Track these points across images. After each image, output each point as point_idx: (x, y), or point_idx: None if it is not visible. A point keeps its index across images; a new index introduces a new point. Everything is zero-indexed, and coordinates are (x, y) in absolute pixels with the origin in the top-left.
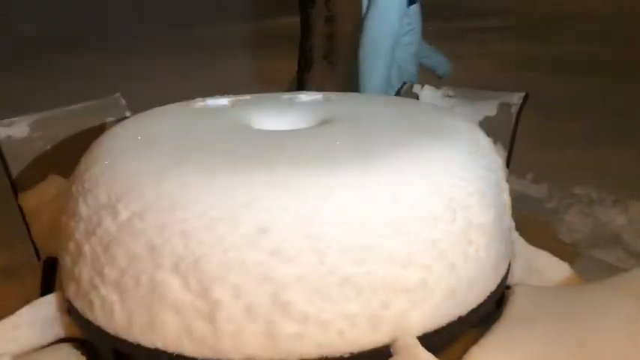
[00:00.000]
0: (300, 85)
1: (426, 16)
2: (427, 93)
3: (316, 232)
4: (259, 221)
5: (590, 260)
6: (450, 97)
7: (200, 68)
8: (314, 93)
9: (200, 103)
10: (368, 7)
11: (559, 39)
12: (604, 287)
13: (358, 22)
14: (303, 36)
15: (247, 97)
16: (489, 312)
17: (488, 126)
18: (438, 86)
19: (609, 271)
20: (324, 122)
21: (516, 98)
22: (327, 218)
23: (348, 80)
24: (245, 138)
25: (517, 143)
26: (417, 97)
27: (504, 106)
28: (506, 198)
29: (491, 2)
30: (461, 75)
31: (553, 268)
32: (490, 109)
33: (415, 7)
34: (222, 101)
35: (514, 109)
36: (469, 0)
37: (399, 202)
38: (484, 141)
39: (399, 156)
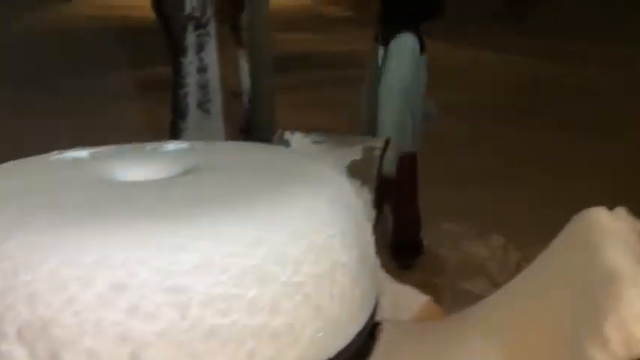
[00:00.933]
0: (173, 133)
1: (311, 65)
2: (297, 139)
3: (176, 286)
4: (114, 278)
5: (457, 292)
6: (318, 143)
7: (71, 118)
8: (180, 142)
9: (57, 155)
10: (385, 58)
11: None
12: (463, 319)
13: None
14: (176, 85)
15: (109, 147)
16: (359, 350)
17: (354, 170)
18: (307, 133)
19: (475, 301)
20: (188, 171)
21: (379, 142)
22: (187, 270)
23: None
24: (102, 191)
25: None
26: (288, 143)
27: (369, 150)
28: (370, 238)
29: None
30: (336, 121)
31: (418, 303)
32: (356, 153)
33: (424, 56)
34: (82, 153)
35: (377, 153)
36: (340, 54)
37: (260, 248)
38: (346, 185)
39: (260, 203)
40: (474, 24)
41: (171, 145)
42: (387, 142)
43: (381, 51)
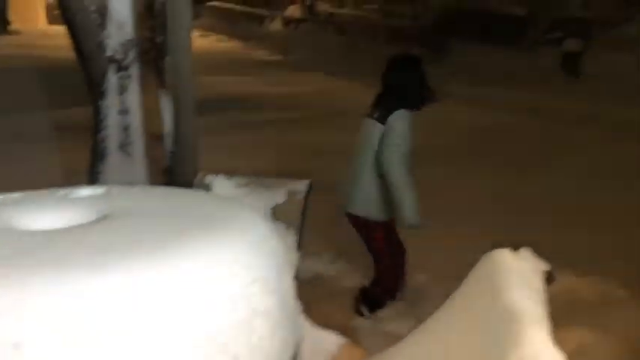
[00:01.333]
0: (92, 177)
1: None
2: (220, 183)
3: (81, 341)
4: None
5: (382, 335)
6: (241, 186)
7: None
8: (96, 187)
9: None
10: (386, 133)
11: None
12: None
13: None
14: (95, 127)
15: (20, 194)
16: None
17: (278, 213)
18: (229, 176)
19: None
20: (102, 218)
21: (303, 185)
22: (95, 323)
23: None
24: (10, 240)
25: (317, 225)
26: (209, 187)
27: (292, 193)
28: (290, 283)
29: (286, 98)
30: (256, 164)
31: (338, 346)
32: (280, 196)
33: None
34: None
35: (300, 196)
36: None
37: (173, 297)
38: (267, 229)
39: (176, 251)
40: None
41: (86, 191)
42: (310, 186)
43: (376, 127)
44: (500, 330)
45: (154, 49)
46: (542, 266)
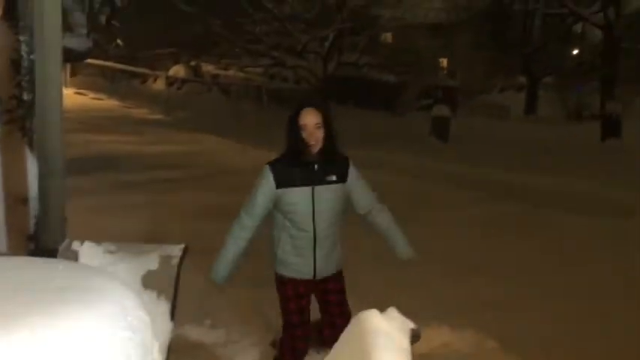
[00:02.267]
0: None
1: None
2: (87, 250)
3: None
4: None
5: None
6: (111, 252)
7: None
8: None
9: None
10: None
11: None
12: None
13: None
14: None
15: None
16: None
17: (151, 279)
18: (98, 243)
19: None
20: None
21: (177, 250)
22: None
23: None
24: None
25: (194, 291)
26: (76, 254)
27: (166, 259)
28: (157, 355)
29: (167, 157)
30: (133, 226)
31: None
32: (152, 262)
33: None
34: None
35: (175, 261)
36: (145, 156)
37: None
38: (130, 300)
39: (21, 328)
40: None
41: None
42: (185, 250)
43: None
44: None
45: (20, 107)
46: (409, 325)
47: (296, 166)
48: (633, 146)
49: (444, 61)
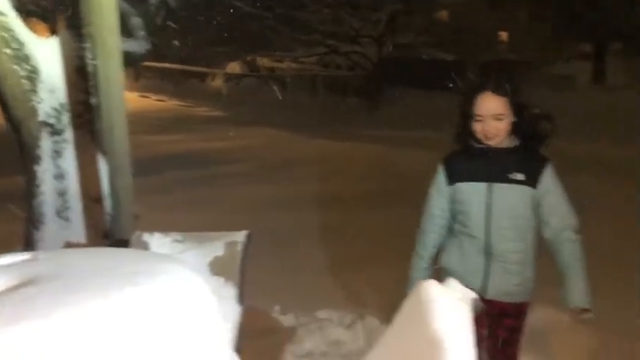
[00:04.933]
0: (27, 245)
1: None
2: (157, 240)
3: None
4: None
5: None
6: (179, 242)
7: None
8: (20, 254)
9: None
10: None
11: (291, 180)
12: None
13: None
14: (29, 194)
15: None
16: None
17: (217, 265)
18: (166, 233)
19: None
20: (22, 284)
21: (241, 236)
22: None
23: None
24: None
25: (263, 277)
26: (146, 245)
27: (231, 245)
28: (224, 335)
29: (231, 152)
30: (203, 220)
31: None
32: (218, 249)
33: None
34: None
35: (240, 247)
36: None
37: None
38: (198, 283)
39: (92, 307)
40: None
41: (8, 258)
42: (249, 236)
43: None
44: (426, 358)
45: (87, 111)
46: (470, 295)
47: (471, 158)
48: None
49: (503, 35)
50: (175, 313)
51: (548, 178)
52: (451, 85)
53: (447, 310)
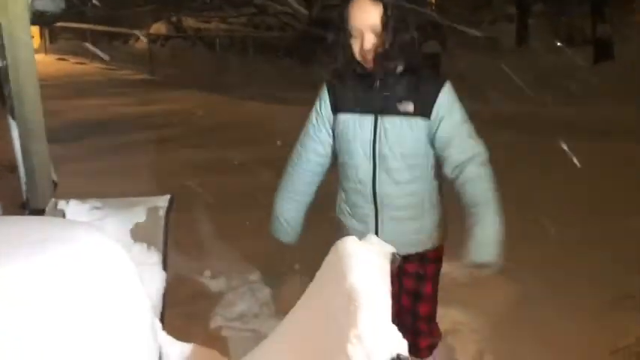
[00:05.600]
0: None
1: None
2: (73, 208)
3: None
4: None
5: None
6: (98, 208)
7: None
8: None
9: None
10: None
11: (220, 144)
12: None
13: None
14: None
15: None
16: None
17: (139, 232)
18: (84, 200)
19: None
20: None
21: (163, 201)
22: None
23: None
24: None
25: (193, 243)
26: (62, 213)
27: (153, 210)
28: (144, 301)
29: (157, 117)
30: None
31: (206, 358)
32: (139, 215)
33: None
34: None
35: (162, 212)
36: (134, 117)
37: None
38: (112, 249)
39: None
40: None
41: None
42: (171, 201)
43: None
44: (340, 313)
45: None
46: (388, 248)
47: (354, 83)
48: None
49: None
50: (88, 281)
51: (445, 103)
52: None
53: (364, 265)
